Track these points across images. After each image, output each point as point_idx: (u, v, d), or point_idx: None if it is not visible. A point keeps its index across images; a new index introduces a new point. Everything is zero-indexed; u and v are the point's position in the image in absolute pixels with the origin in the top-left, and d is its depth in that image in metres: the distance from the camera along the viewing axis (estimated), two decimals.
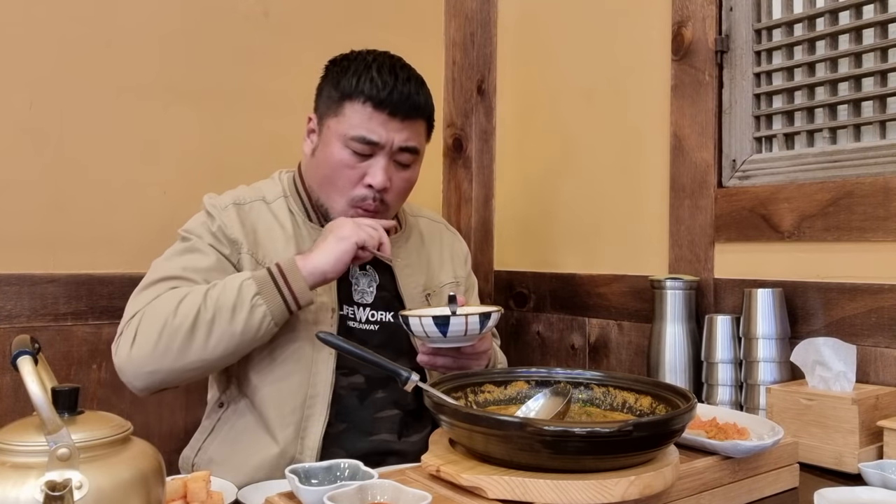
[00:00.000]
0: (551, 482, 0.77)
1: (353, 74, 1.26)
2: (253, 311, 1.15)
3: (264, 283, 1.16)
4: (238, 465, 1.23)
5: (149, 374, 1.16)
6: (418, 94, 1.28)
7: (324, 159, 1.29)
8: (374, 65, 1.27)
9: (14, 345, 0.67)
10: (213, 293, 1.16)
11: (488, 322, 1.12)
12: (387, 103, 1.24)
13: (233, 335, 1.15)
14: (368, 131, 1.25)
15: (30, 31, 1.46)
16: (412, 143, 1.29)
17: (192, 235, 1.27)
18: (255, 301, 1.15)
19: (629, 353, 1.61)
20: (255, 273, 1.18)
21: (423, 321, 1.10)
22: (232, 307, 1.14)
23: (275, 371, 1.25)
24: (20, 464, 0.62)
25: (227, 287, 1.16)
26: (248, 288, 1.15)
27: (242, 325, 1.15)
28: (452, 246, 1.52)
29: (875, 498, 0.91)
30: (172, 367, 1.15)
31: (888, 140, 1.27)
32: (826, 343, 1.17)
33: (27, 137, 1.46)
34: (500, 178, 2.00)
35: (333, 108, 1.28)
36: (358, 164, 1.27)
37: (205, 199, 1.31)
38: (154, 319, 1.15)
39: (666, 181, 1.54)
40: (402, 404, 1.33)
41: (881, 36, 1.27)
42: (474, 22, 1.98)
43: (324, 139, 1.30)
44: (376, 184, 1.26)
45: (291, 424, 1.24)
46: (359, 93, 1.25)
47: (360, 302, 1.33)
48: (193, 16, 1.64)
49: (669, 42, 1.54)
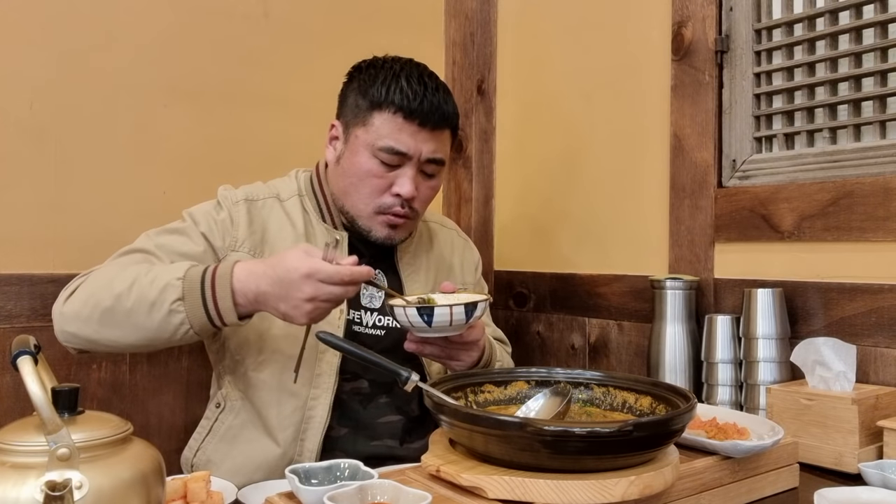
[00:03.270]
0: (551, 482, 0.77)
1: (383, 84, 1.25)
2: (171, 315, 1.09)
3: (191, 289, 1.09)
4: (237, 466, 1.23)
5: (69, 333, 1.16)
6: (446, 104, 1.27)
7: (350, 168, 1.27)
8: (402, 74, 1.25)
9: (14, 345, 0.67)
10: (143, 281, 1.11)
11: (475, 312, 1.11)
12: (417, 113, 1.23)
13: (147, 330, 1.11)
14: (398, 142, 1.23)
15: (30, 31, 1.46)
16: (439, 154, 1.29)
17: (189, 218, 1.27)
18: (175, 307, 1.09)
19: (629, 353, 1.61)
20: (190, 272, 1.11)
21: (408, 311, 1.10)
22: (151, 304, 1.09)
23: (275, 371, 1.25)
24: (20, 464, 0.62)
25: (157, 280, 1.10)
26: (171, 290, 1.09)
27: (157, 325, 1.10)
28: (463, 253, 1.51)
29: (875, 498, 0.91)
30: (89, 337, 1.14)
31: (888, 140, 1.26)
32: (826, 343, 1.17)
33: (27, 137, 1.46)
34: (500, 178, 2.00)
35: (361, 116, 1.26)
36: (386, 173, 1.25)
37: (219, 190, 1.32)
38: (89, 285, 1.15)
39: (666, 181, 1.54)
40: (404, 410, 1.32)
41: (881, 36, 1.27)
42: (474, 22, 1.98)
43: (350, 148, 1.28)
44: (405, 193, 1.25)
45: (291, 426, 1.24)
46: (389, 102, 1.23)
47: (367, 306, 1.32)
48: (193, 16, 1.64)
49: (669, 42, 1.54)
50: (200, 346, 1.60)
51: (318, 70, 1.76)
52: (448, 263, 1.47)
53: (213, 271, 1.11)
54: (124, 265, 1.18)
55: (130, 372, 1.55)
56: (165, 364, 1.59)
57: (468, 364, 1.23)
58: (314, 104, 1.73)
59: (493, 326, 1.56)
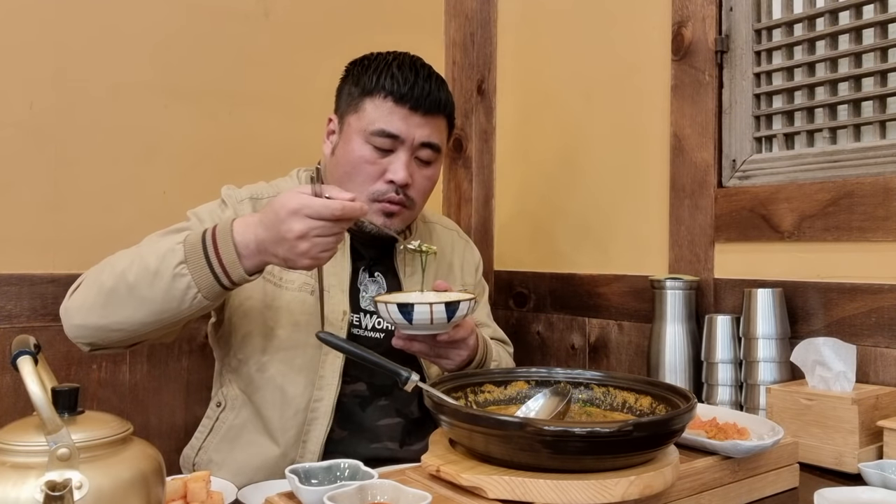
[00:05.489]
0: (551, 482, 0.77)
1: (374, 72, 1.26)
2: (175, 280, 1.05)
3: (193, 250, 1.06)
4: (238, 467, 1.23)
5: (76, 326, 1.13)
6: (439, 91, 1.27)
7: (344, 156, 1.28)
8: (394, 62, 1.27)
9: (14, 345, 0.67)
10: (144, 252, 1.08)
11: (456, 311, 1.10)
12: (408, 98, 1.23)
13: (153, 302, 1.06)
14: (389, 125, 1.24)
15: (30, 31, 1.46)
16: (434, 139, 1.28)
17: (194, 218, 1.26)
18: (179, 270, 1.04)
19: (629, 353, 1.61)
20: (190, 236, 1.08)
21: (389, 307, 1.10)
22: (154, 273, 1.05)
23: (279, 372, 1.25)
24: (20, 464, 0.62)
25: (157, 249, 1.08)
26: (173, 255, 1.05)
27: (163, 294, 1.05)
28: (464, 254, 1.51)
29: (875, 498, 0.91)
30: (96, 324, 1.11)
31: (888, 140, 1.26)
32: (826, 343, 1.17)
33: (27, 137, 1.46)
34: (500, 178, 2.00)
35: (354, 105, 1.28)
36: (379, 159, 1.25)
37: (223, 190, 1.31)
38: (90, 275, 1.14)
39: (666, 181, 1.54)
40: (404, 412, 1.32)
41: (881, 36, 1.27)
42: (474, 22, 1.98)
43: (344, 137, 1.29)
44: (398, 179, 1.24)
45: (293, 428, 1.23)
46: (380, 88, 1.24)
47: (366, 309, 1.32)
48: (193, 15, 1.64)
49: (669, 42, 1.54)
50: (200, 346, 1.61)
51: (318, 70, 1.76)
52: (448, 264, 1.46)
53: (212, 230, 1.07)
54: (123, 252, 1.16)
55: (130, 372, 1.55)
56: (165, 364, 1.59)
57: (458, 363, 1.22)
58: (314, 104, 1.72)
59: (495, 327, 1.55)
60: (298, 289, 1.27)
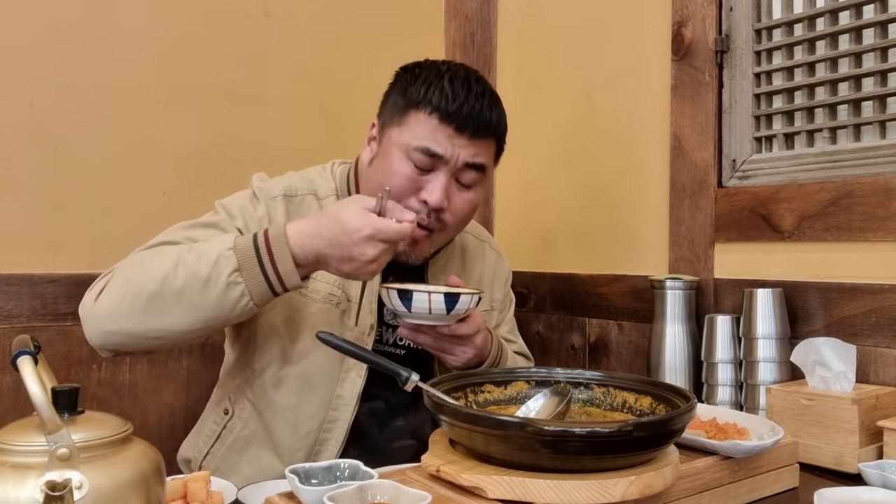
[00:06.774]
0: (551, 482, 0.77)
1: (423, 83, 1.17)
2: (229, 288, 1.02)
3: (246, 257, 1.03)
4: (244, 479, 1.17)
5: (106, 332, 1.07)
6: (491, 111, 1.18)
7: (381, 170, 1.19)
8: (446, 75, 1.18)
9: (14, 345, 0.67)
10: (189, 258, 1.04)
11: (456, 303, 1.07)
12: (455, 116, 1.14)
13: (202, 309, 1.04)
14: (433, 143, 1.15)
15: (30, 30, 1.46)
16: (479, 159, 1.18)
17: (223, 211, 1.20)
18: (233, 279, 1.02)
19: (629, 353, 1.61)
20: (239, 241, 1.05)
21: (390, 293, 1.08)
22: (205, 280, 1.02)
23: (294, 389, 1.20)
24: (20, 464, 0.62)
25: (204, 254, 1.04)
26: (226, 262, 1.03)
27: (214, 301, 1.03)
28: (495, 266, 1.45)
29: (875, 498, 0.91)
30: (131, 330, 1.06)
31: (888, 140, 1.26)
32: (826, 343, 1.17)
33: (27, 137, 1.46)
34: (500, 178, 2.00)
35: (397, 116, 1.19)
36: (417, 176, 1.17)
37: (254, 180, 1.25)
38: (123, 276, 1.08)
39: (666, 181, 1.54)
40: (418, 435, 1.28)
41: (881, 36, 1.27)
42: (474, 22, 1.98)
43: (384, 149, 1.21)
44: (432, 201, 1.16)
45: (303, 449, 1.20)
46: (426, 102, 1.16)
47: (390, 323, 1.28)
48: (194, 16, 1.64)
49: (669, 42, 1.54)
50: (200, 346, 1.61)
51: (318, 70, 1.76)
52: (479, 278, 1.41)
53: (264, 237, 1.04)
54: (153, 252, 1.10)
55: (130, 372, 1.55)
56: (165, 364, 1.59)
57: (464, 361, 1.19)
58: (314, 104, 1.73)
59: (520, 343, 1.49)
60: (323, 300, 1.22)
